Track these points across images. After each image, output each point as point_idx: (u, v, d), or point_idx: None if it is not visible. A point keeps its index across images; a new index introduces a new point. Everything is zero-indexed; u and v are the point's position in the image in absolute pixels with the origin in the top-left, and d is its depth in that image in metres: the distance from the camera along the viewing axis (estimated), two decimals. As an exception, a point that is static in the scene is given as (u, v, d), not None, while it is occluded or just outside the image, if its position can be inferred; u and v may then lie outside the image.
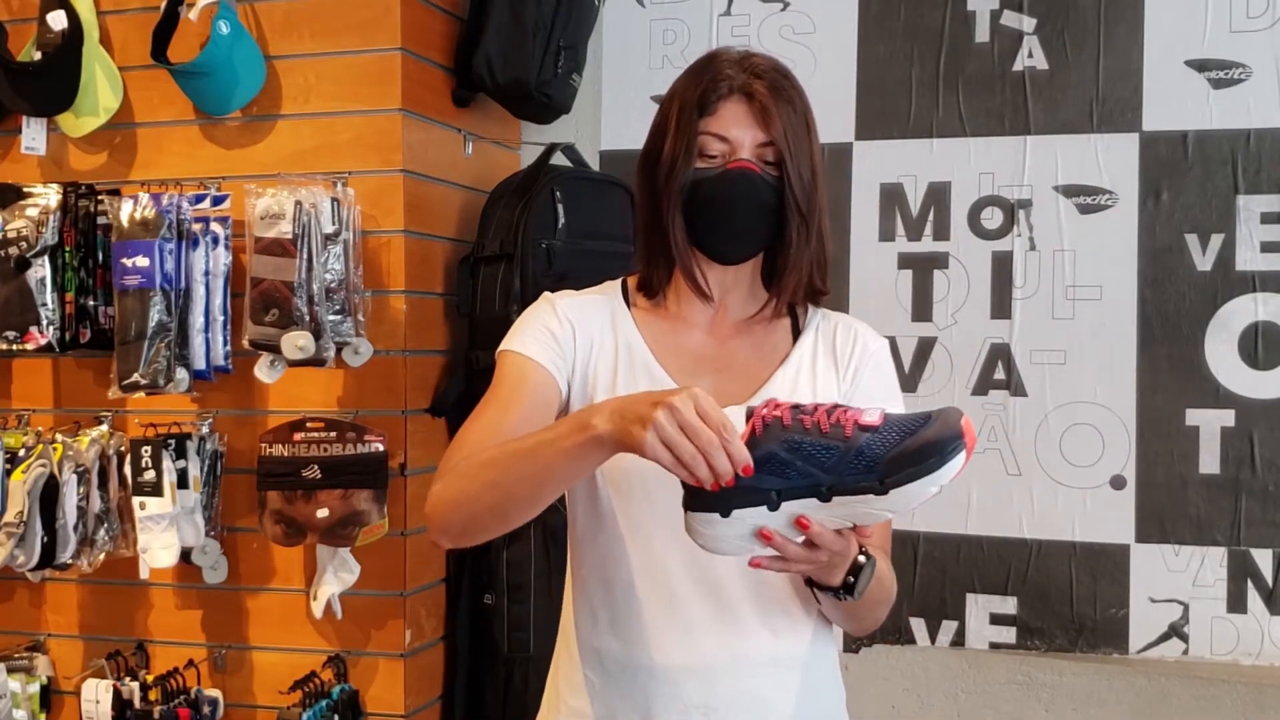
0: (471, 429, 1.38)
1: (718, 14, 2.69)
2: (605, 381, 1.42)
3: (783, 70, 1.42)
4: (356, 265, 2.24)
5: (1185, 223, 2.43)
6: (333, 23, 2.31)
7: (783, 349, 1.47)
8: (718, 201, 1.39)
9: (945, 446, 1.11)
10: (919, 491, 1.12)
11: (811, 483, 1.14)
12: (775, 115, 1.38)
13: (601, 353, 1.44)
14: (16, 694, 2.39)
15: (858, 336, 1.48)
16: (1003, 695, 2.54)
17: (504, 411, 1.38)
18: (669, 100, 1.44)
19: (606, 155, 2.75)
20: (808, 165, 1.41)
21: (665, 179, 1.40)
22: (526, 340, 1.43)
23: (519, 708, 2.39)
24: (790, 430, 1.14)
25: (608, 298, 1.49)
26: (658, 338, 1.45)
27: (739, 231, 1.41)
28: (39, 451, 2.29)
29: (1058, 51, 2.49)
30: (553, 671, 1.50)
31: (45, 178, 2.46)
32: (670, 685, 1.38)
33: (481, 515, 1.31)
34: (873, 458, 1.12)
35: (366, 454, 2.22)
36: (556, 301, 1.47)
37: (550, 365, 1.42)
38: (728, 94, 1.39)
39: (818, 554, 1.19)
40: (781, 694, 1.41)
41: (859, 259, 2.59)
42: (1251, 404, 2.39)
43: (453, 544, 1.39)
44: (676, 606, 1.38)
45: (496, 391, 1.41)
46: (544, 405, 1.40)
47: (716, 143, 1.39)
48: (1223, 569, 2.40)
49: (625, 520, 1.40)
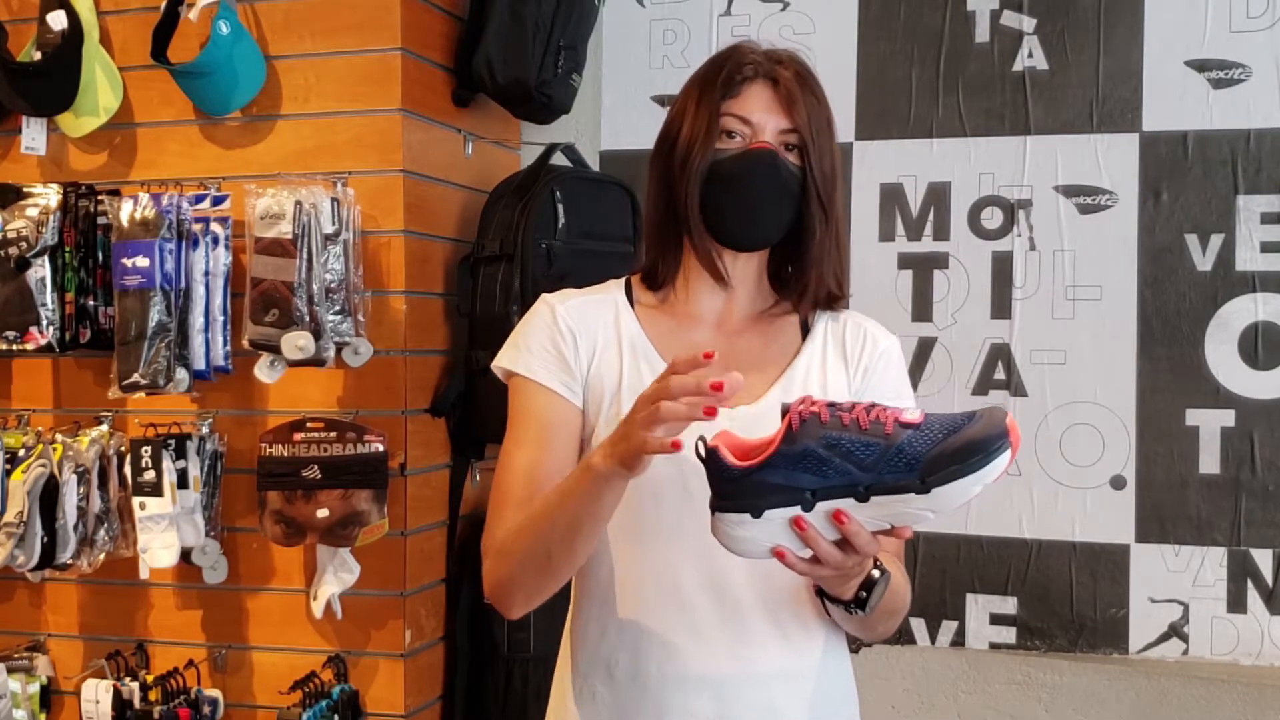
0: (508, 480, 1.38)
1: (718, 14, 2.69)
2: (611, 382, 1.40)
3: (805, 65, 1.41)
4: (356, 265, 2.24)
5: (1185, 223, 2.43)
6: (333, 23, 2.31)
7: (792, 346, 1.44)
8: (737, 181, 1.36)
9: (990, 445, 1.06)
10: (962, 491, 1.07)
11: (848, 482, 1.09)
12: (800, 103, 1.36)
13: (606, 356, 1.41)
14: (16, 694, 2.39)
15: (868, 334, 1.46)
16: (1003, 695, 2.54)
17: (535, 456, 1.37)
18: (688, 86, 1.41)
19: (606, 155, 2.75)
20: (830, 159, 1.39)
21: (683, 160, 1.37)
22: (533, 363, 1.40)
23: (519, 708, 2.39)
24: (828, 426, 1.09)
25: (610, 296, 1.46)
26: (663, 335, 1.42)
27: (759, 215, 1.38)
28: (39, 451, 2.29)
29: (1058, 51, 2.49)
30: (557, 683, 1.48)
31: (45, 178, 2.46)
32: (682, 696, 1.36)
33: (534, 583, 1.34)
34: (914, 455, 1.07)
35: (366, 454, 2.22)
36: (556, 307, 1.43)
37: (563, 389, 1.40)
38: (753, 76, 1.37)
39: (847, 558, 1.14)
40: (795, 704, 1.39)
41: (859, 259, 2.58)
42: (1251, 404, 2.39)
43: (523, 612, 1.39)
44: (688, 616, 1.36)
45: (520, 434, 1.40)
46: (569, 436, 1.40)
47: (739, 124, 1.36)
48: (1223, 569, 2.40)
49: (635, 531, 1.38)
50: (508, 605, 1.37)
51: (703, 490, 1.17)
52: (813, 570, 1.16)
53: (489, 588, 1.37)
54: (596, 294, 1.47)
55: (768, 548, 1.13)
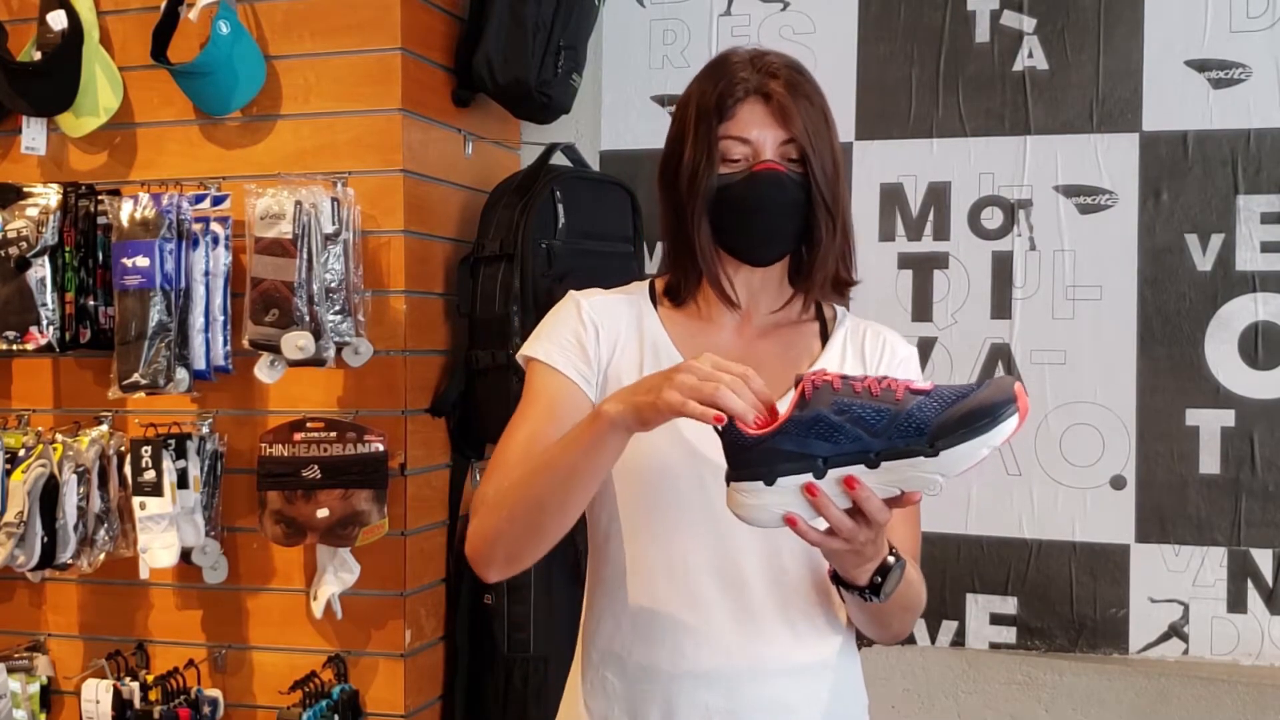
0: (506, 450, 1.38)
1: (718, 14, 2.69)
2: (630, 377, 1.40)
3: (796, 66, 1.42)
4: (356, 265, 2.24)
5: (1185, 223, 2.43)
6: (333, 23, 2.31)
7: (812, 351, 1.47)
8: (746, 205, 1.38)
9: (998, 409, 1.09)
10: (970, 453, 1.09)
11: (860, 448, 1.11)
12: (795, 112, 1.37)
13: (626, 351, 1.43)
14: (16, 694, 2.39)
15: (886, 342, 1.48)
16: (1003, 695, 2.54)
17: (538, 428, 1.38)
18: (683, 107, 1.43)
19: (606, 155, 2.75)
20: (830, 159, 1.40)
21: (688, 187, 1.39)
22: (552, 350, 1.42)
23: (519, 708, 2.39)
24: (840, 394, 1.12)
25: (634, 297, 1.48)
26: (684, 338, 1.45)
27: (771, 233, 1.41)
28: (39, 451, 2.29)
29: (1058, 51, 2.49)
30: (572, 675, 1.49)
31: (45, 178, 2.46)
32: (693, 689, 1.37)
33: (519, 538, 1.32)
34: (923, 420, 1.10)
35: (366, 454, 2.22)
36: (581, 302, 1.46)
37: (578, 377, 1.41)
38: (744, 96, 1.38)
39: (859, 528, 1.15)
40: (806, 701, 1.40)
41: (859, 259, 2.54)
42: (1251, 404, 2.39)
43: (499, 576, 1.38)
44: (700, 610, 1.37)
45: (528, 409, 1.41)
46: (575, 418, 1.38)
47: (738, 146, 1.38)
48: (1223, 569, 2.40)
49: (648, 524, 1.39)
50: (486, 562, 1.36)
51: (717, 486, 1.19)
52: (825, 541, 1.17)
53: (471, 543, 1.36)
54: (622, 293, 1.50)
55: (780, 515, 1.14)
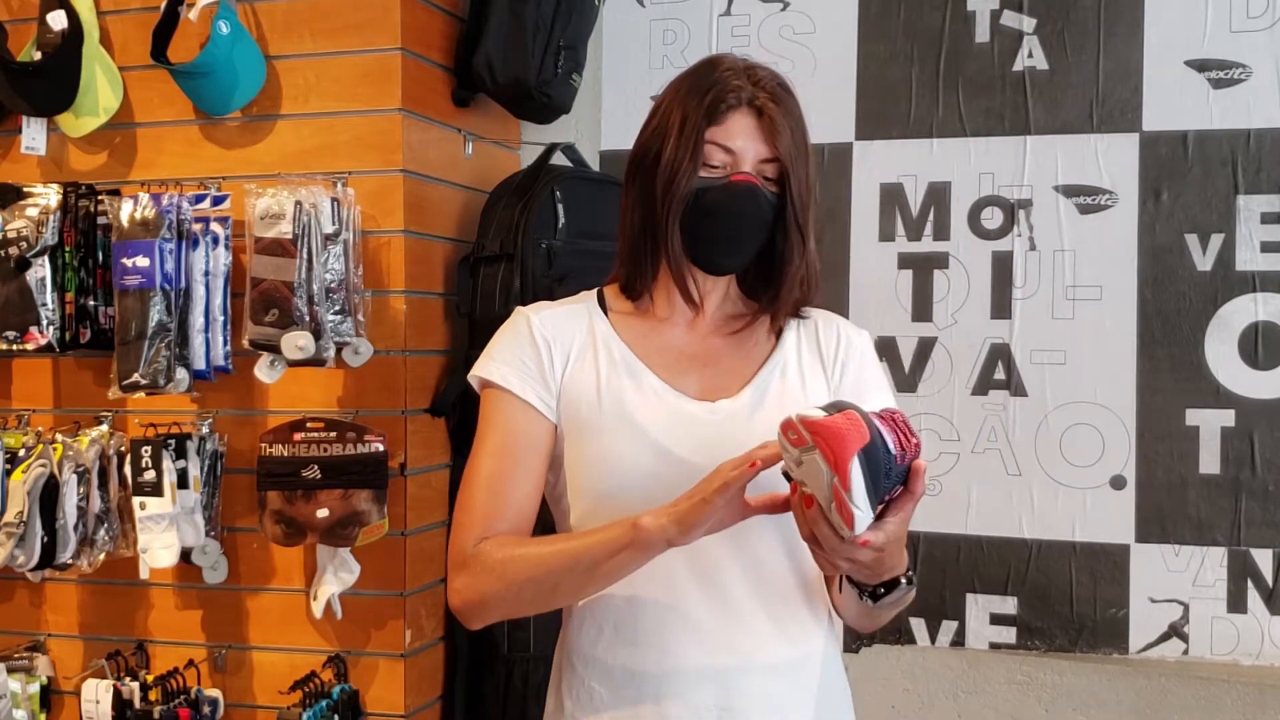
0: (473, 489, 1.40)
1: (718, 14, 2.69)
2: (589, 387, 1.43)
3: (786, 85, 1.43)
4: (356, 265, 2.24)
5: (1185, 223, 2.43)
6: (333, 23, 2.31)
7: (766, 346, 1.49)
8: (721, 213, 1.39)
9: None
10: None
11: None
12: (783, 131, 1.39)
13: (581, 360, 1.44)
14: (16, 694, 2.39)
15: (840, 332, 1.50)
16: (1003, 695, 2.54)
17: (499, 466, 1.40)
18: (667, 104, 1.43)
19: (606, 155, 2.75)
20: (806, 184, 1.42)
21: (665, 185, 1.40)
22: (507, 372, 1.43)
23: (519, 708, 2.39)
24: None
25: (584, 306, 1.50)
26: (638, 340, 1.46)
27: (736, 244, 1.42)
28: (39, 451, 2.28)
29: (1058, 51, 2.49)
30: (553, 687, 1.49)
31: (45, 178, 2.46)
32: (683, 689, 1.38)
33: (522, 608, 1.43)
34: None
35: (366, 454, 2.22)
36: (531, 319, 1.47)
37: (536, 400, 1.42)
38: (736, 105, 1.39)
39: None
40: (796, 694, 1.42)
41: (859, 259, 2.59)
42: (1251, 404, 2.39)
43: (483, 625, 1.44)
44: (681, 610, 1.38)
45: (487, 441, 1.42)
46: (536, 447, 1.42)
47: (720, 153, 1.39)
48: (1223, 569, 2.40)
49: None
50: (479, 619, 1.41)
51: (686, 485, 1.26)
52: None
53: (462, 600, 1.38)
54: (570, 304, 1.51)
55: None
